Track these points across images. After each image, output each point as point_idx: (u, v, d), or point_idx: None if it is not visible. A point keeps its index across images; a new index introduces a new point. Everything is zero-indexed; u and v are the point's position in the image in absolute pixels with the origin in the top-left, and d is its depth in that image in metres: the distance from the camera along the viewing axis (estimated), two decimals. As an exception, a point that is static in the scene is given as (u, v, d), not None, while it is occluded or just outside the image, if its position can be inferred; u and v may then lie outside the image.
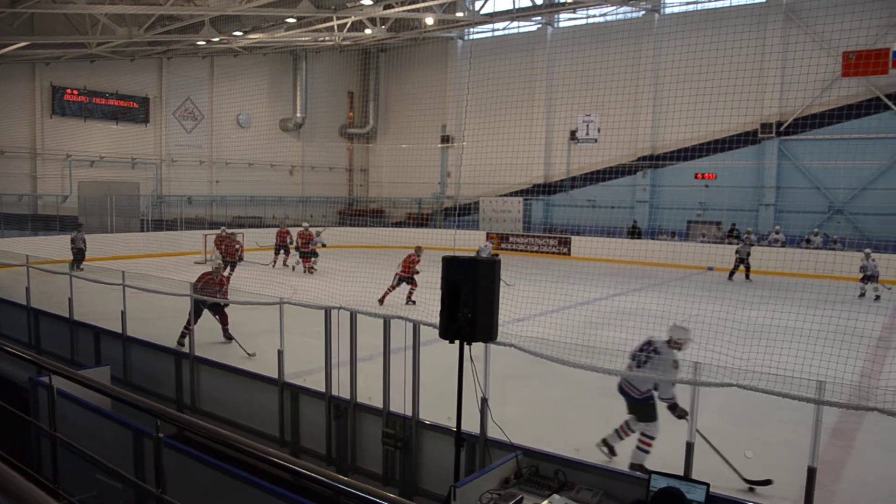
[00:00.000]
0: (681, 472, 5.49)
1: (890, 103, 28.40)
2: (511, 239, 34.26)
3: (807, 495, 5.10)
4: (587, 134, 31.14)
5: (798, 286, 19.75)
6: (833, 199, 29.55)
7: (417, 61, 39.19)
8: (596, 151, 32.56)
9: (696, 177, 31.95)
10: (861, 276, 21.66)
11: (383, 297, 17.50)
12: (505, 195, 37.03)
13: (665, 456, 5.66)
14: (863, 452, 8.44)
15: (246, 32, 29.41)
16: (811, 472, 5.10)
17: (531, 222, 36.10)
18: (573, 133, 32.85)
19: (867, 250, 22.10)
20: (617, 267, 25.19)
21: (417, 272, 17.82)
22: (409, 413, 7.02)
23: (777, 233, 28.38)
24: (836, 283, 21.31)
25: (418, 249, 18.34)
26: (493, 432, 6.31)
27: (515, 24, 36.32)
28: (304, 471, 3.11)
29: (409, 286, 18.00)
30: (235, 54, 34.95)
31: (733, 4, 31.40)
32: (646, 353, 7.67)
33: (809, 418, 5.25)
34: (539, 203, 36.37)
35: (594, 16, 34.39)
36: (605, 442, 7.73)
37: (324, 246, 24.52)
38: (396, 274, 17.90)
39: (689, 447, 5.52)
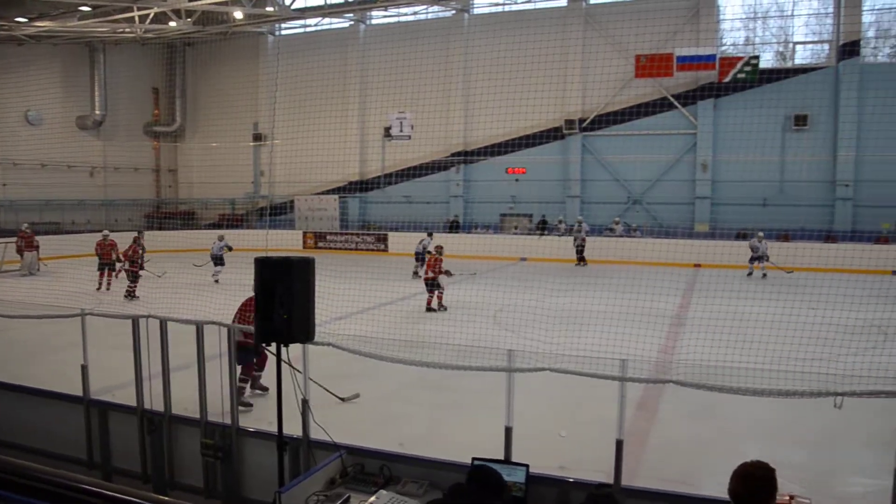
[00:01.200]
0: (501, 457, 5.65)
1: (676, 102, 30.95)
2: (328, 237, 34.00)
3: (616, 465, 5.41)
4: (401, 131, 31.44)
5: (603, 272, 21.02)
6: (631, 191, 31.78)
7: (227, 57, 37.88)
8: (410, 148, 33.00)
9: (507, 171, 33.18)
10: (751, 256, 23.88)
11: (429, 304, 16.58)
12: (320, 193, 36.66)
13: (483, 441, 5.82)
14: (664, 421, 9.08)
15: (31, 19, 27.01)
16: (619, 444, 5.42)
17: (348, 220, 36.00)
18: (387, 130, 33.06)
19: (760, 234, 24.32)
20: (435, 261, 25.61)
21: (444, 272, 16.73)
22: (228, 421, 6.76)
23: (580, 222, 30.15)
24: (638, 269, 22.88)
25: (439, 249, 17.74)
26: (317, 434, 6.21)
27: (328, 20, 36.01)
28: (117, 494, 2.88)
29: (436, 290, 16.83)
30: (20, 43, 31.93)
31: (537, 7, 32.90)
32: None
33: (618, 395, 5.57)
34: (355, 201, 36.34)
35: (405, 14, 34.83)
36: None
37: (230, 249, 22.45)
38: (424, 280, 17.01)
39: (508, 431, 5.70)
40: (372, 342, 7.04)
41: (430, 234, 25.25)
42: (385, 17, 35.68)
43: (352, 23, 36.10)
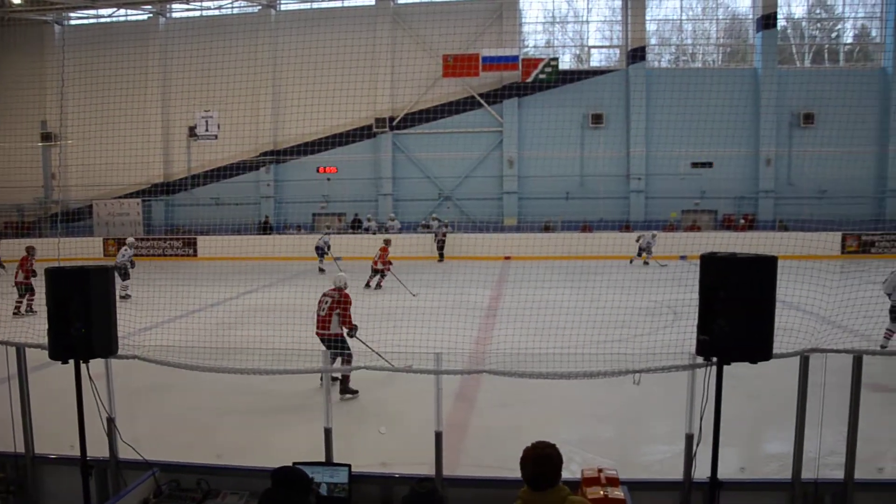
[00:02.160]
0: (323, 459, 5.55)
1: (483, 101, 31.99)
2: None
3: (437, 457, 5.46)
4: (206, 130, 30.20)
5: (417, 268, 21.30)
6: (442, 187, 32.45)
7: (6, 47, 34.62)
8: (217, 148, 31.75)
9: (318, 170, 32.76)
10: (638, 247, 25.46)
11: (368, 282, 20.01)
12: (122, 197, 34.44)
13: (304, 445, 5.70)
14: (482, 410, 9.35)
15: None
16: (438, 436, 5.47)
17: (152, 224, 34.10)
18: (192, 129, 31.64)
19: (654, 232, 25.84)
20: (247, 264, 24.88)
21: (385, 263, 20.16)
22: (22, 450, 6.11)
23: (392, 220, 30.57)
24: (451, 263, 23.34)
25: (388, 242, 20.85)
26: (126, 453, 5.78)
27: (123, 11, 33.86)
28: None
29: (378, 277, 20.21)
30: None
31: (346, 5, 32.75)
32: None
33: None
34: (160, 204, 34.47)
35: (209, 8, 33.46)
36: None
37: (132, 264, 20.21)
38: (373, 267, 20.26)
39: (328, 433, 5.60)
40: (185, 351, 6.65)
41: (328, 232, 27.06)
42: (187, 10, 34.07)
43: (150, 14, 34.17)
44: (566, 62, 32.70)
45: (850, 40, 33.25)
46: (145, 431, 6.02)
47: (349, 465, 5.21)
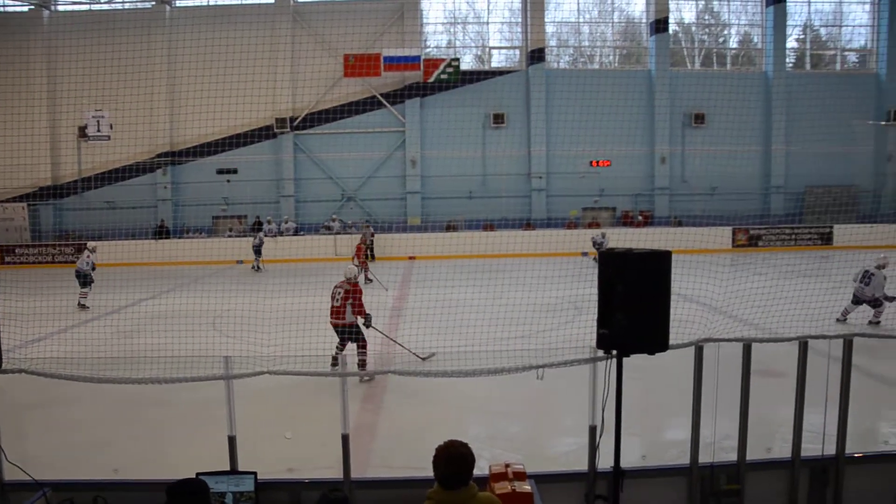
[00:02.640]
0: (228, 468, 5.41)
1: (385, 101, 31.91)
2: (17, 251, 30.42)
3: (344, 460, 5.41)
4: (98, 130, 28.97)
5: (322, 270, 21.05)
6: (345, 188, 32.20)
7: None
8: (110, 149, 30.42)
9: (217, 172, 31.91)
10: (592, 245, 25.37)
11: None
12: (5, 201, 32.61)
13: (208, 454, 5.53)
14: (390, 411, 9.31)
15: None
16: (345, 439, 5.41)
17: (41, 230, 32.46)
18: (82, 129, 30.26)
19: (603, 231, 26.25)
20: (144, 270, 24.03)
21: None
22: None
23: (286, 222, 30.20)
24: (350, 264, 23.09)
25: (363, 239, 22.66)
26: (14, 474, 5.45)
27: (1, 1, 32.12)
28: None
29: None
30: None
31: (244, 2, 32.02)
32: (867, 277, 13.41)
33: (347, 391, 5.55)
34: (48, 208, 32.83)
35: (98, 1, 32.12)
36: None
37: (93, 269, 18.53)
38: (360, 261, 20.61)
39: (231, 440, 5.45)
40: (78, 363, 6.35)
41: (260, 229, 27.93)
42: (73, 2, 32.57)
43: (33, 6, 32.50)
44: (467, 63, 33.01)
45: (735, 45, 34.93)
46: (35, 450, 5.71)
47: (255, 473, 5.09)
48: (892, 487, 6.21)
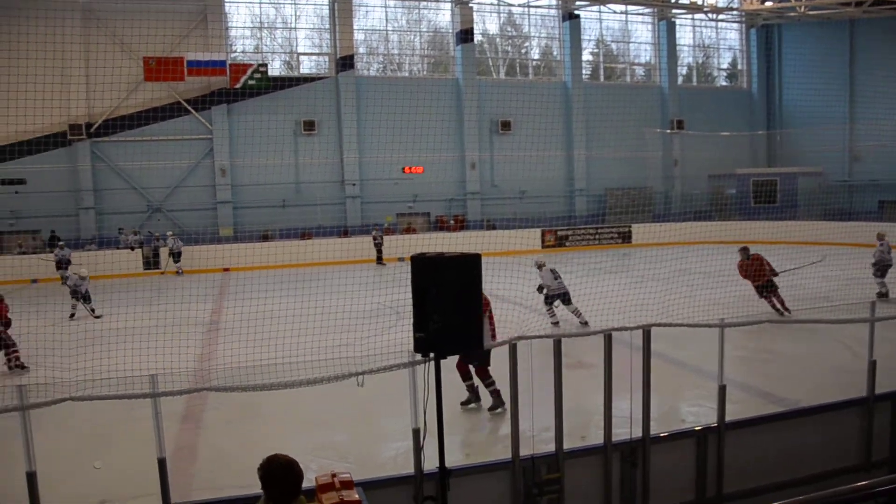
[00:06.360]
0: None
1: (189, 108, 30.65)
2: None
3: (162, 485, 5.18)
4: None
5: (123, 286, 19.99)
6: (151, 199, 30.55)
7: None
8: None
9: (1, 182, 29.10)
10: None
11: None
12: None
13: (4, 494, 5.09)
14: (211, 429, 8.98)
15: None
16: (161, 463, 5.17)
17: None
18: None
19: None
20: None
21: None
22: None
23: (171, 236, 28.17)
24: (165, 278, 22.12)
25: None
26: None
27: None
28: None
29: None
30: None
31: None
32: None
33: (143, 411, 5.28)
34: None
35: None
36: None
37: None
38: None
39: (30, 477, 5.04)
40: None
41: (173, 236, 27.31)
42: None
43: None
44: (276, 69, 32.44)
45: (537, 56, 36.84)
46: None
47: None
48: (690, 460, 6.83)
